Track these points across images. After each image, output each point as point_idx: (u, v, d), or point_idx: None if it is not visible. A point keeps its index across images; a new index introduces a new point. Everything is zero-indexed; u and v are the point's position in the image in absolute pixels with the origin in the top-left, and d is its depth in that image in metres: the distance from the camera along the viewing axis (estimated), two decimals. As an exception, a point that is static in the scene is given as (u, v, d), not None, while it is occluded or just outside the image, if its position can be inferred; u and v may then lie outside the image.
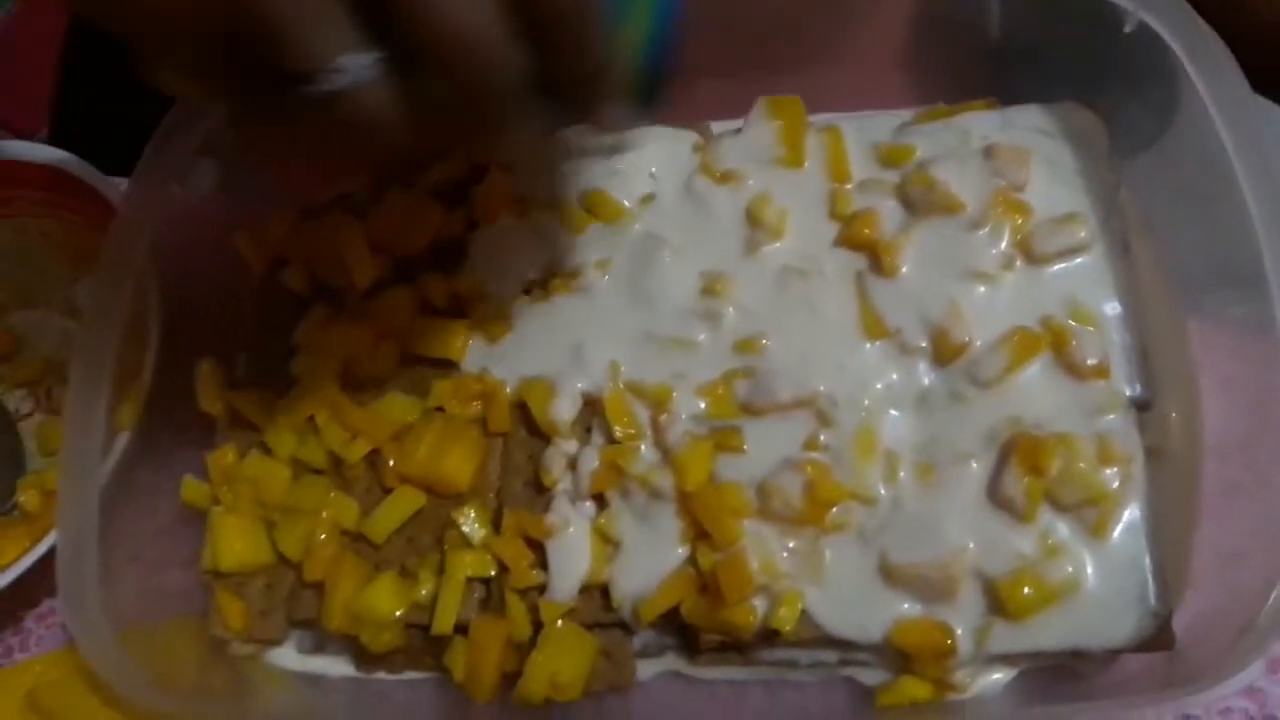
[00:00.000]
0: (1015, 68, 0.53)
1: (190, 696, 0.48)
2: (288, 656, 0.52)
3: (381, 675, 0.51)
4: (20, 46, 0.76)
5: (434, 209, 0.54)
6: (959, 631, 0.43)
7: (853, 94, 0.56)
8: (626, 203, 0.53)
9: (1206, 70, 0.44)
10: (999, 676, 0.45)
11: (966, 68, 0.56)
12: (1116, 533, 0.43)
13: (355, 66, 0.30)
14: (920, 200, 0.49)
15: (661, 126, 0.55)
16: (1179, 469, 0.46)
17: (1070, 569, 0.43)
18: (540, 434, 0.50)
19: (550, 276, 0.52)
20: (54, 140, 0.60)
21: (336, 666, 0.52)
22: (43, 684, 0.53)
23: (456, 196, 0.55)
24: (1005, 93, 0.54)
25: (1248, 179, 0.43)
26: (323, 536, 0.50)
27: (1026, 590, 0.42)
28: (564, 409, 0.49)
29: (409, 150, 0.33)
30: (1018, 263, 0.47)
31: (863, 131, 0.52)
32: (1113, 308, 0.46)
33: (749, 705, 0.48)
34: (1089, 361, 0.45)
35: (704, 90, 0.55)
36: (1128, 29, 0.47)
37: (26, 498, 0.60)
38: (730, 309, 0.50)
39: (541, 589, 0.48)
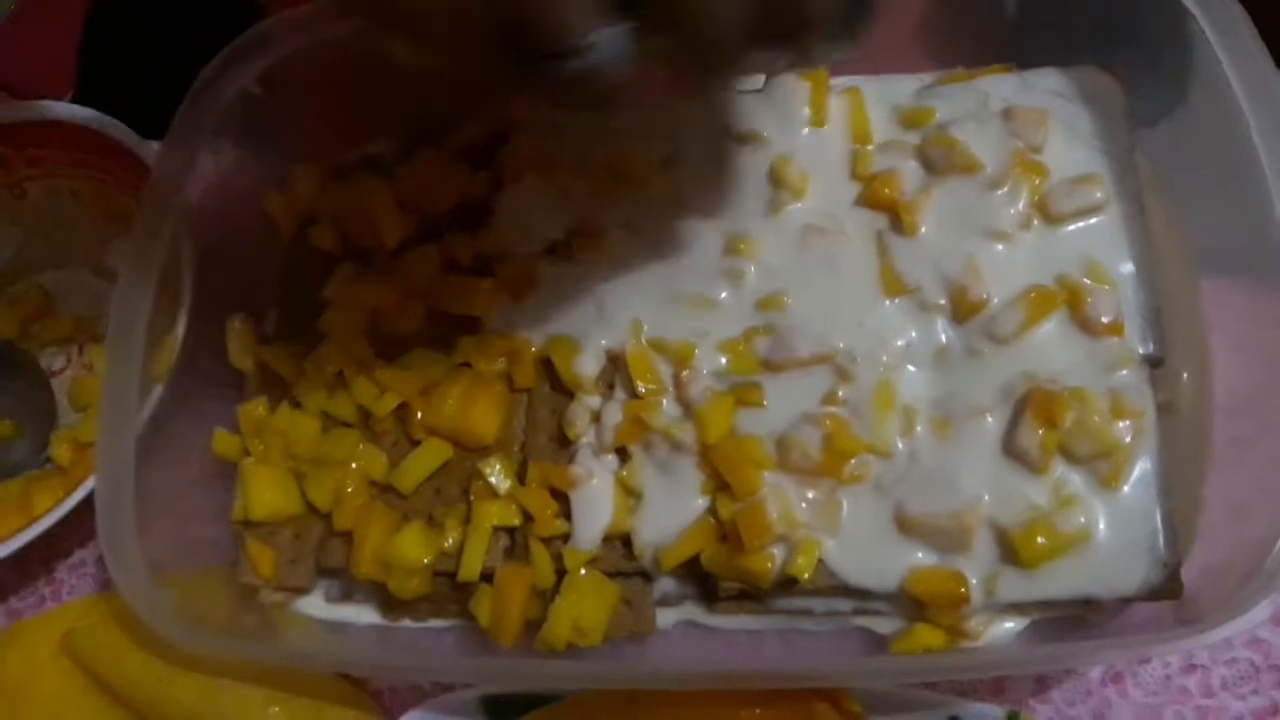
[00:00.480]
0: (1034, 33, 0.54)
1: (224, 638, 0.50)
2: (315, 605, 0.54)
3: (407, 623, 0.53)
4: (46, 9, 0.77)
5: (461, 169, 0.55)
6: (973, 580, 0.44)
7: (873, 59, 0.56)
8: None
9: (1226, 36, 0.45)
10: (1011, 625, 0.46)
11: (986, 33, 0.56)
12: (1128, 485, 0.44)
13: (607, 40, 0.32)
14: (940, 161, 0.49)
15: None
16: (1190, 424, 0.47)
17: (1082, 519, 0.44)
18: (564, 390, 0.51)
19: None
20: (81, 103, 0.61)
21: (363, 615, 0.53)
22: (76, 629, 0.55)
23: (483, 157, 0.56)
24: (1024, 58, 0.54)
25: (1264, 144, 0.43)
26: (351, 488, 0.51)
27: (1040, 540, 0.43)
28: (588, 365, 0.50)
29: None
30: (1035, 222, 0.48)
31: (883, 93, 0.53)
32: (1127, 267, 0.47)
33: (765, 653, 0.49)
34: (1103, 319, 0.46)
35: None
36: (1144, -10, 0.47)
37: (59, 451, 0.61)
38: (752, 267, 0.51)
39: (565, 538, 0.49)
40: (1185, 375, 0.48)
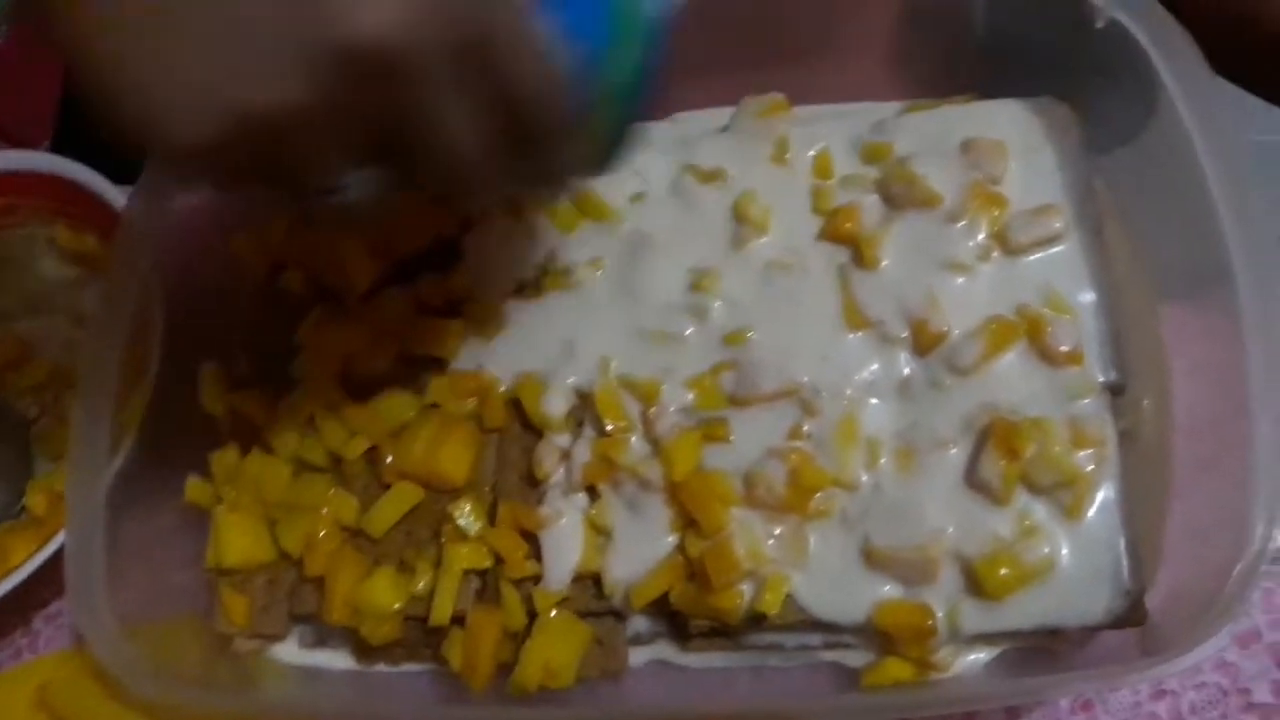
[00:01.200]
0: (998, 63, 0.55)
1: (197, 690, 0.50)
2: (290, 651, 0.54)
3: (381, 668, 0.53)
4: (21, 58, 0.77)
5: (430, 210, 0.56)
6: (939, 612, 0.44)
7: (839, 88, 0.57)
8: (617, 201, 0.54)
9: (1175, 66, 0.46)
10: (979, 656, 0.46)
11: (951, 62, 0.57)
12: (1091, 513, 0.44)
13: (358, 180, 0.35)
14: (900, 195, 0.50)
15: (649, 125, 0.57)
16: (1152, 450, 0.47)
17: (1046, 549, 0.44)
18: (534, 429, 0.51)
19: (543, 275, 0.54)
20: (56, 151, 0.61)
21: (337, 660, 0.53)
22: (51, 682, 0.54)
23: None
24: (989, 87, 0.55)
25: (1211, 170, 0.44)
26: (323, 532, 0.51)
27: (1003, 571, 0.43)
28: (556, 404, 0.51)
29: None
30: (994, 253, 0.49)
31: (844, 128, 0.53)
32: (1087, 295, 0.48)
33: (738, 691, 0.49)
34: (1063, 348, 0.46)
35: (692, 84, 0.57)
36: (1099, 25, 0.48)
37: (35, 501, 0.61)
38: (717, 303, 0.51)
39: (536, 579, 0.49)
40: (1146, 401, 0.48)
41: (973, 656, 0.46)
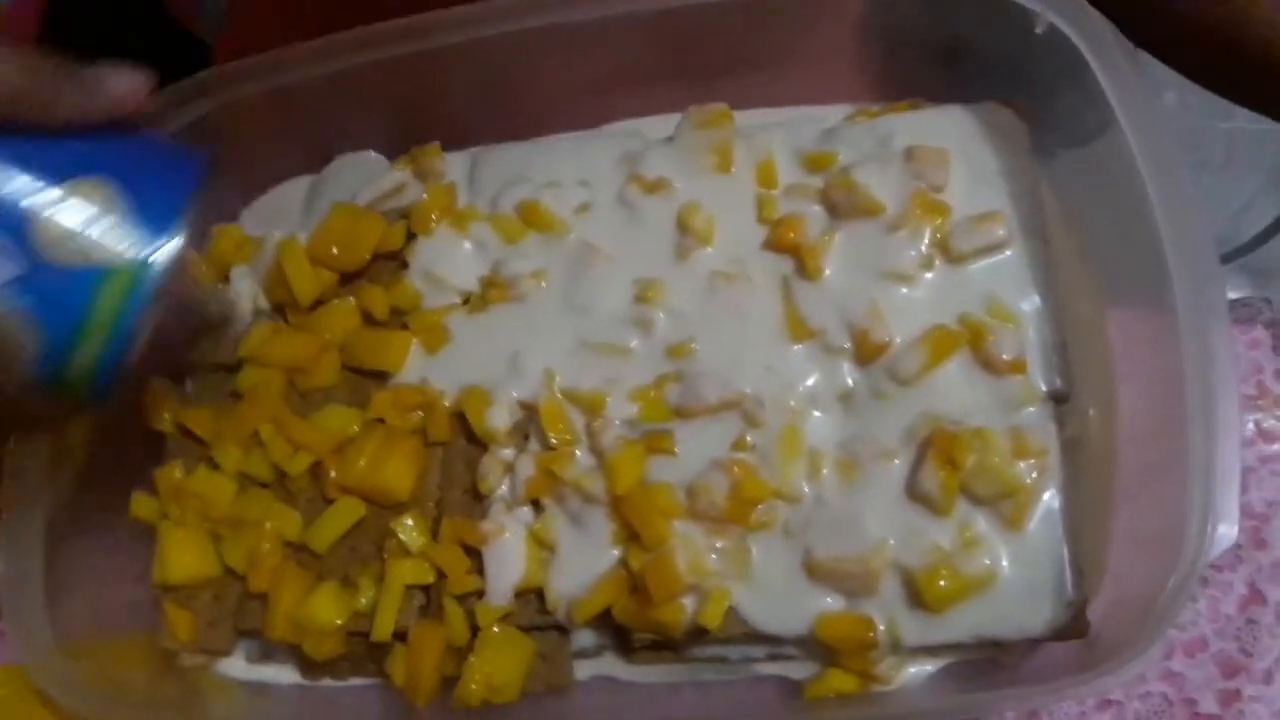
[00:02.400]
0: (948, 69, 0.55)
1: (140, 709, 0.49)
2: (236, 666, 0.53)
3: (327, 682, 0.52)
4: None
5: (375, 222, 0.55)
6: (880, 625, 0.44)
7: (787, 95, 0.57)
8: (562, 213, 0.54)
9: (1108, 69, 0.45)
10: (924, 668, 0.46)
11: (900, 70, 0.57)
12: (1032, 524, 0.44)
13: None
14: (842, 204, 0.50)
15: (595, 136, 0.57)
16: (1097, 458, 0.47)
17: (987, 561, 0.43)
18: (479, 442, 0.51)
19: (488, 287, 0.53)
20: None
21: (283, 675, 0.53)
22: (-2, 699, 0.54)
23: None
24: (938, 93, 0.55)
25: (1150, 175, 0.44)
26: (267, 548, 0.51)
27: (943, 582, 0.43)
28: (500, 417, 0.50)
29: None
30: (937, 262, 0.48)
31: (789, 137, 0.53)
32: (1031, 303, 0.47)
33: (683, 703, 0.49)
34: (1005, 357, 0.46)
35: (641, 92, 0.57)
36: (1039, 30, 0.48)
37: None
38: (662, 315, 0.51)
39: (480, 594, 0.48)
40: (1092, 409, 0.48)
41: (916, 669, 0.45)
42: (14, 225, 0.37)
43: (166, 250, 0.39)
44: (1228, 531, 0.39)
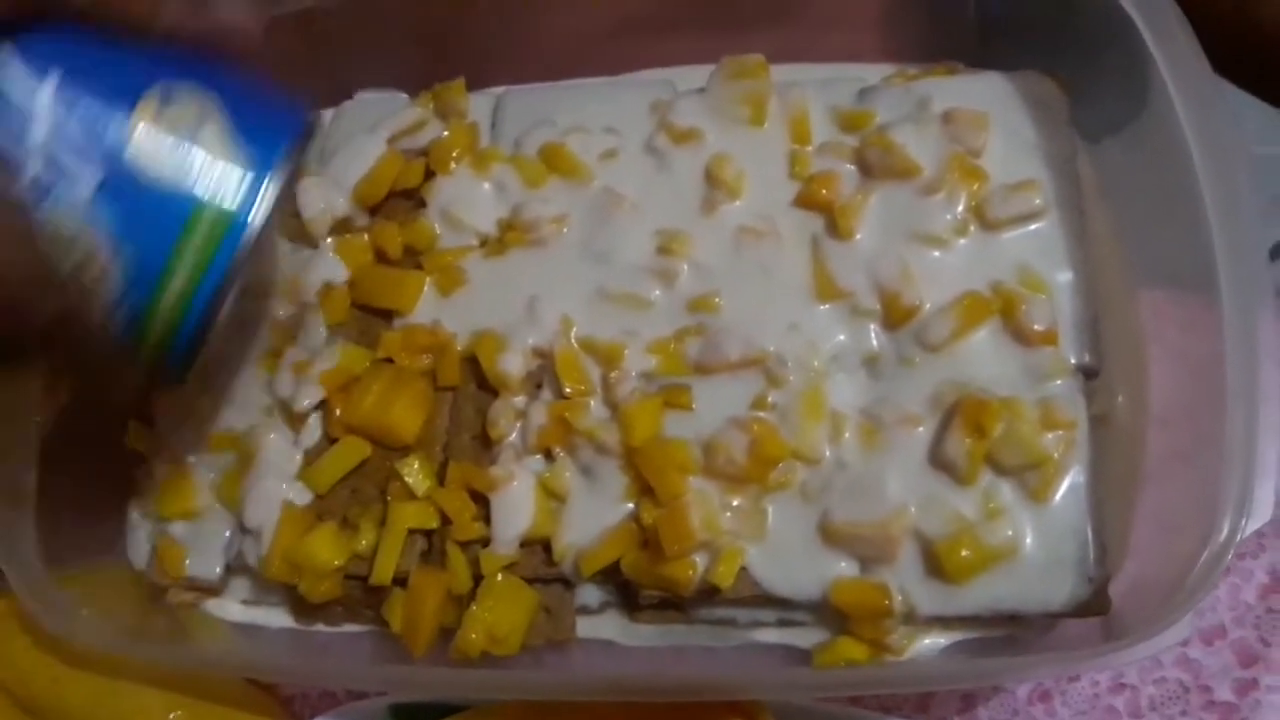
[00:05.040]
0: (990, 35, 0.54)
1: (129, 639, 0.48)
2: (226, 607, 0.52)
3: (320, 628, 0.51)
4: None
5: (394, 158, 0.54)
6: (897, 594, 0.43)
7: (824, 50, 0.56)
8: (587, 158, 0.52)
9: (1165, 45, 0.44)
10: (937, 641, 0.45)
11: (940, 32, 0.56)
12: (1057, 497, 0.43)
13: None
14: (878, 164, 0.48)
15: (626, 82, 0.55)
16: (1124, 436, 0.46)
17: (1010, 532, 0.42)
18: (490, 388, 0.50)
19: (507, 230, 0.52)
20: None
21: (275, 618, 0.52)
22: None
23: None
24: (978, 59, 0.54)
25: (1204, 165, 0.42)
26: (268, 485, 0.49)
27: (965, 553, 0.42)
28: (513, 363, 0.49)
29: None
30: (971, 228, 0.47)
31: (825, 94, 0.51)
32: (1064, 275, 0.46)
33: (688, 666, 0.48)
34: (1036, 328, 0.44)
35: (675, 39, 0.56)
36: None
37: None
38: (685, 267, 0.49)
39: (484, 543, 0.47)
40: (1120, 387, 0.47)
41: (929, 641, 0.44)
42: (103, 125, 0.33)
43: (268, 192, 0.35)
44: (1262, 515, 0.38)
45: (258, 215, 0.34)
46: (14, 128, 0.32)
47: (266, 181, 0.34)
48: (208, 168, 0.34)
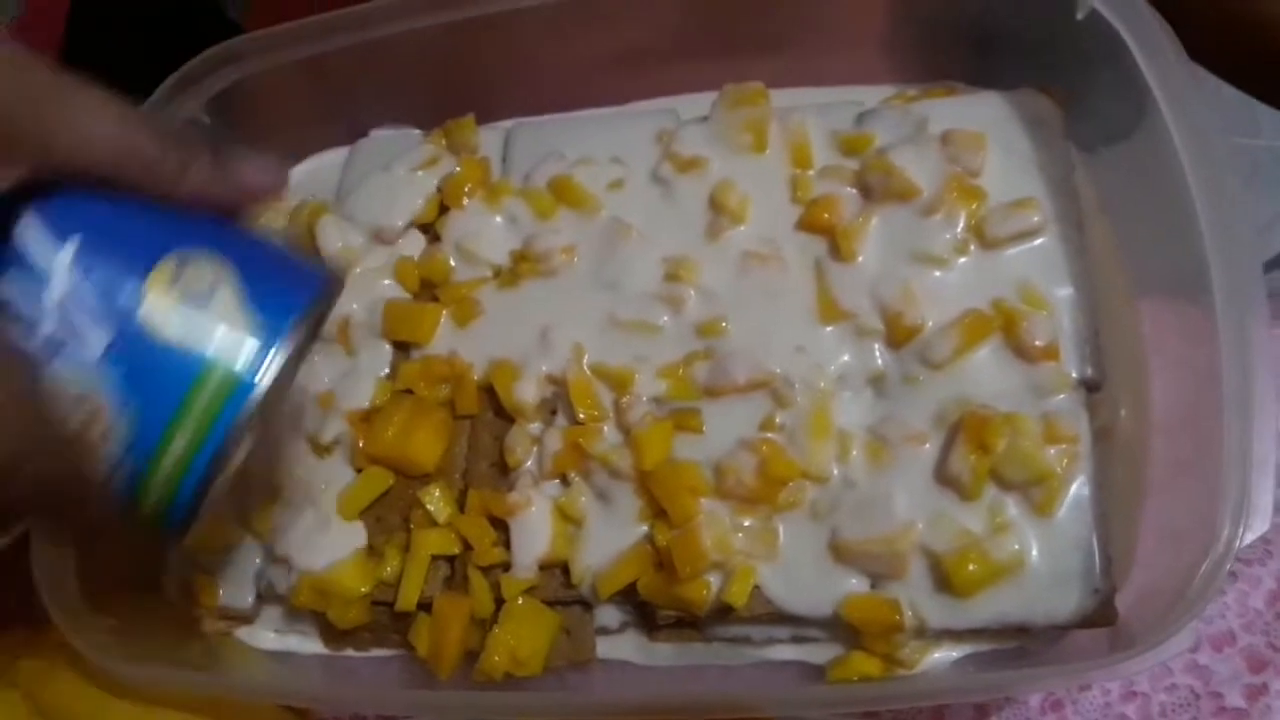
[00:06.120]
0: (986, 54, 0.54)
1: (165, 668, 0.50)
2: (258, 634, 0.54)
3: (350, 653, 0.53)
4: (20, 34, 0.77)
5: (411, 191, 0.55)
6: (907, 609, 0.44)
7: (824, 74, 0.57)
8: (595, 189, 0.54)
9: (1154, 60, 0.45)
10: (948, 654, 0.45)
11: (938, 52, 0.57)
12: (1062, 511, 0.44)
13: None
14: (878, 186, 0.49)
15: (630, 112, 0.57)
16: (1128, 448, 0.46)
17: (1016, 546, 0.43)
18: (506, 416, 0.51)
19: (519, 261, 0.53)
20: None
21: (306, 644, 0.53)
22: (18, 659, 0.54)
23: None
24: (976, 78, 0.55)
25: (1194, 173, 0.43)
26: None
27: (972, 567, 0.43)
28: (528, 391, 0.50)
29: None
30: (972, 246, 0.48)
31: (825, 119, 0.53)
32: (1064, 290, 0.47)
33: (706, 684, 0.49)
34: (1037, 343, 0.45)
35: (679, 70, 0.57)
36: (1080, 16, 0.47)
37: None
38: (692, 293, 0.50)
39: (505, 567, 0.49)
40: (1123, 399, 0.47)
41: (940, 654, 0.45)
42: (117, 289, 0.33)
43: (276, 357, 0.34)
44: (1262, 523, 0.38)
45: (264, 380, 0.34)
46: (31, 288, 0.33)
47: (275, 347, 0.35)
48: (218, 333, 0.34)
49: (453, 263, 0.54)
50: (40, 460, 0.31)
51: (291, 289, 0.36)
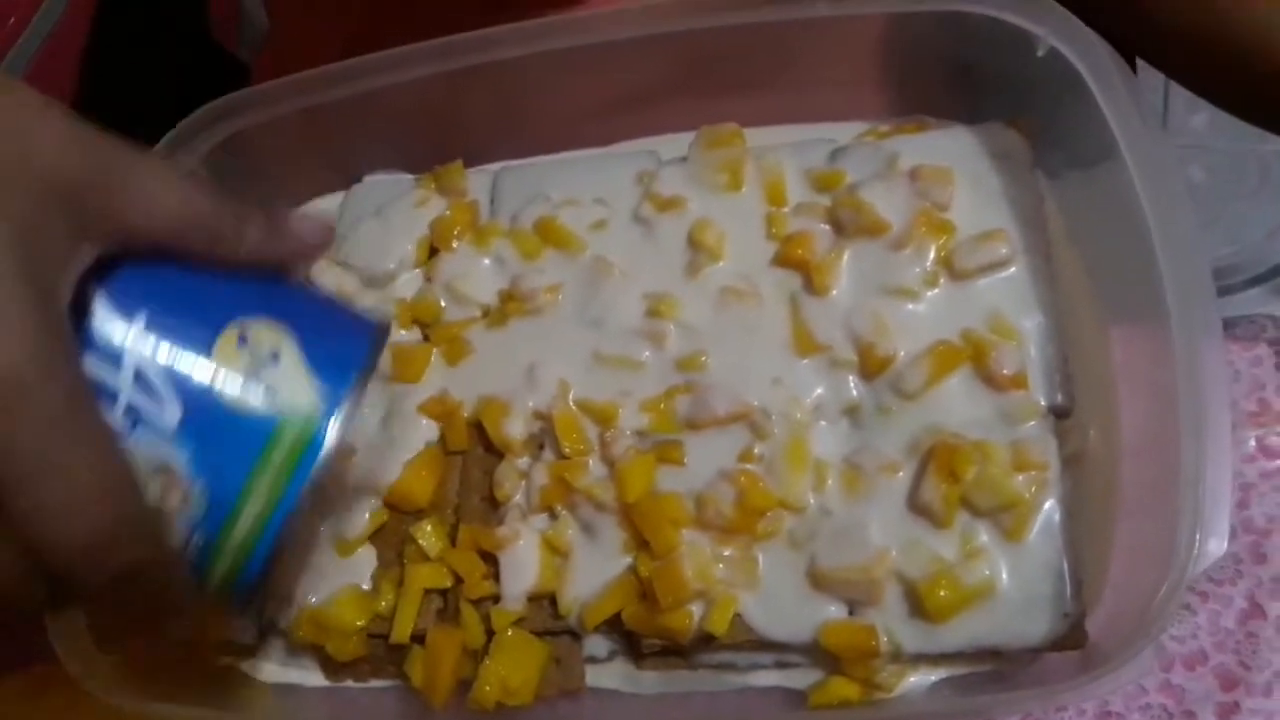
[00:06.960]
0: (957, 87, 0.56)
1: (169, 700, 0.51)
2: (262, 666, 0.55)
3: (349, 683, 0.54)
4: (38, 77, 0.80)
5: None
6: (883, 634, 0.45)
7: (801, 113, 0.59)
8: (579, 229, 0.55)
9: (1107, 92, 0.46)
10: (925, 678, 0.47)
11: (915, 90, 0.58)
12: (1032, 536, 0.45)
13: None
14: (849, 222, 0.51)
15: (612, 155, 0.59)
16: (1099, 471, 0.47)
17: (987, 572, 0.44)
18: (496, 451, 0.53)
19: (507, 301, 0.55)
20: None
21: (308, 676, 0.55)
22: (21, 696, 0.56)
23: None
24: (951, 113, 0.56)
25: (1147, 199, 0.45)
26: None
27: (943, 593, 0.44)
28: (516, 427, 0.52)
29: None
30: (941, 279, 0.49)
31: (799, 157, 0.54)
32: (1033, 319, 0.48)
33: (693, 710, 0.50)
34: (1005, 372, 0.46)
35: (660, 111, 0.59)
36: (1040, 53, 0.49)
37: None
38: (673, 329, 0.52)
39: (495, 599, 0.50)
40: (1093, 425, 0.48)
41: (917, 678, 0.46)
42: (186, 360, 0.34)
43: (341, 414, 0.35)
44: (1218, 545, 0.39)
45: (332, 437, 0.35)
46: (107, 364, 0.33)
47: (340, 404, 0.36)
48: (284, 396, 0.35)
49: (443, 303, 0.56)
50: (129, 542, 0.31)
51: (348, 343, 0.38)
